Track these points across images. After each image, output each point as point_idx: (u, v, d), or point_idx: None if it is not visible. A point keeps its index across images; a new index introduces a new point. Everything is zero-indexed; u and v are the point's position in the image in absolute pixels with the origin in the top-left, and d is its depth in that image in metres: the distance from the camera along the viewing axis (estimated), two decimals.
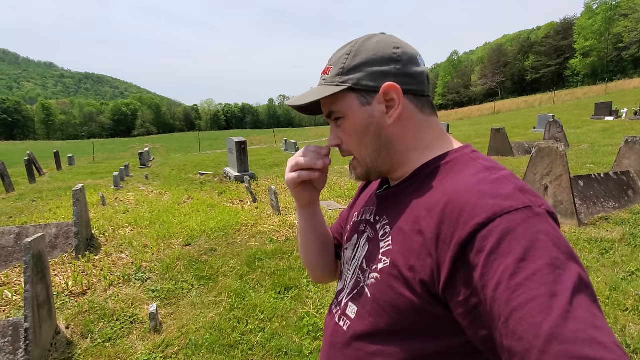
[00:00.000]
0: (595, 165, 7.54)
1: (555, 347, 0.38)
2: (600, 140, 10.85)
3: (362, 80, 0.64)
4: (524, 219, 0.47)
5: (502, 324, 0.43)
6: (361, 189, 0.89)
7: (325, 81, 0.67)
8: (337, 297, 0.75)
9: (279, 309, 2.91)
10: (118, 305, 2.99)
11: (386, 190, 0.72)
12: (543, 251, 0.44)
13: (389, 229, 0.64)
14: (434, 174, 0.62)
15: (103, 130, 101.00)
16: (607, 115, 16.42)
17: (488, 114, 35.25)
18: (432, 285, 0.53)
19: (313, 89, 0.70)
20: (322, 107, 0.71)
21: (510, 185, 0.52)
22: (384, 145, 0.66)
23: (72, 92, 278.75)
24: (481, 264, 0.46)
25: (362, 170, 0.70)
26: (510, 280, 0.43)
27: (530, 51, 73.86)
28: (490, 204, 0.49)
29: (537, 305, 0.41)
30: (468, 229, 0.49)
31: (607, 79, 47.46)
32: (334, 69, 0.67)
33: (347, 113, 0.66)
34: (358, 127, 0.66)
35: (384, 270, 0.60)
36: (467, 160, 0.62)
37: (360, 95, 0.65)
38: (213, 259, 3.85)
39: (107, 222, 5.05)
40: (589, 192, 4.87)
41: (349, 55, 0.65)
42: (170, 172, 11.86)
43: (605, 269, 3.28)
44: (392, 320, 0.58)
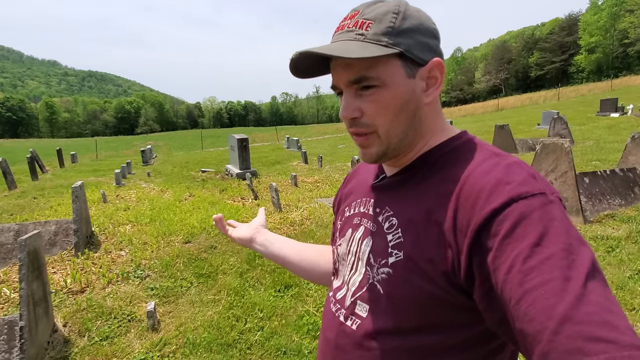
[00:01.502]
0: (601, 162, 7.45)
1: (569, 328, 0.38)
2: (605, 137, 10.73)
3: (412, 47, 0.57)
4: (540, 205, 0.47)
5: (512, 306, 0.43)
6: (343, 185, 0.85)
7: (366, 38, 0.56)
8: (335, 295, 0.71)
9: (279, 308, 2.87)
10: (116, 303, 2.96)
11: (384, 180, 0.68)
12: (557, 237, 0.44)
13: (395, 220, 0.61)
14: (441, 161, 0.60)
15: (106, 128, 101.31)
16: (612, 112, 16.25)
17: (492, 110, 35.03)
18: (453, 276, 0.52)
19: (346, 43, 0.57)
20: (343, 68, 0.58)
21: (524, 171, 0.51)
22: (415, 125, 0.61)
23: (76, 90, 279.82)
24: (495, 248, 0.47)
25: (380, 149, 0.61)
26: (524, 264, 0.43)
27: (535, 48, 73.28)
28: (506, 190, 0.48)
29: (551, 288, 0.41)
30: (484, 214, 0.48)
31: (613, 75, 47.06)
32: (376, 25, 0.56)
33: (388, 82, 0.57)
34: (398, 100, 0.58)
35: (397, 265, 0.58)
36: (472, 146, 0.60)
37: (406, 65, 0.57)
38: (213, 256, 3.82)
39: (107, 220, 5.03)
40: (594, 189, 4.80)
41: (397, 15, 0.57)
42: (172, 169, 11.84)
43: (612, 267, 3.21)
44: (410, 315, 0.57)
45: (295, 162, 11.98)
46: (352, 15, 0.59)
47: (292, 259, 0.91)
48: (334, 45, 0.57)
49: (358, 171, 0.82)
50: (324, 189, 6.99)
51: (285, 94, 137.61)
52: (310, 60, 0.60)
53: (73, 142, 50.19)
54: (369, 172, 0.75)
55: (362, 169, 0.80)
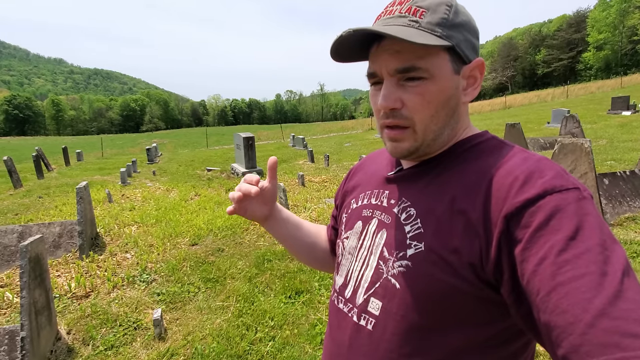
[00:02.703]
0: (616, 162, 7.25)
1: (606, 322, 0.37)
2: (618, 136, 10.49)
3: (461, 43, 0.55)
4: (575, 200, 0.46)
5: (540, 298, 0.42)
6: (347, 178, 0.82)
7: (420, 25, 0.54)
8: (342, 292, 0.66)
9: (290, 315, 2.75)
10: (121, 310, 2.85)
11: (400, 171, 0.65)
12: (592, 232, 0.43)
13: (414, 211, 0.58)
14: (465, 155, 0.59)
15: (112, 125, 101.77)
16: (624, 110, 15.94)
17: (499, 108, 34.64)
18: (480, 268, 0.50)
19: (398, 28, 0.53)
20: (392, 55, 0.55)
21: (556, 166, 0.51)
22: (452, 122, 0.59)
23: (82, 87, 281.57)
24: (525, 239, 0.46)
25: (413, 145, 0.59)
26: (557, 256, 0.42)
27: (542, 45, 72.47)
28: (540, 182, 0.48)
29: (588, 282, 0.40)
30: (516, 204, 0.47)
31: (622, 72, 46.41)
32: (430, 14, 0.54)
33: (436, 75, 0.55)
34: (442, 95, 0.56)
35: (417, 257, 0.55)
36: (498, 143, 0.59)
37: (453, 60, 0.56)
38: (220, 259, 3.71)
39: (112, 220, 4.94)
40: (614, 191, 4.63)
41: (450, 8, 0.55)
42: (177, 168, 11.78)
43: (637, 274, 3.06)
44: (430, 311, 0.53)
45: (302, 160, 11.86)
46: (402, 1, 0.56)
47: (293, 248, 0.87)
48: (389, 28, 0.53)
49: (365, 164, 0.79)
50: (332, 189, 6.87)
51: (289, 91, 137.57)
52: (352, 42, 0.56)
53: (79, 139, 50.42)
54: (380, 165, 0.73)
55: (370, 162, 0.78)
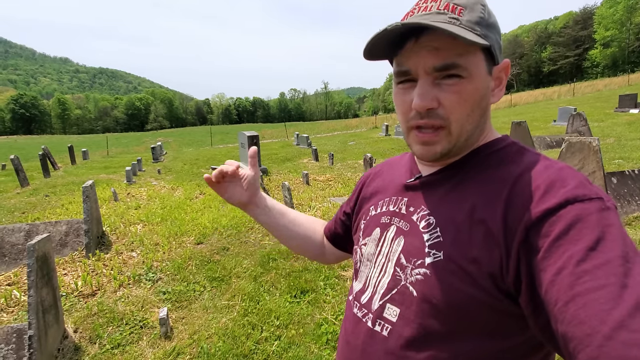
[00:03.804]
0: (624, 161, 7.17)
1: (624, 334, 0.36)
2: (626, 134, 10.37)
3: (495, 43, 0.56)
4: (597, 210, 0.45)
5: (558, 309, 0.42)
6: (364, 181, 0.82)
7: (461, 23, 0.52)
8: (359, 298, 0.66)
9: (295, 314, 2.75)
10: (128, 308, 2.86)
11: (420, 179, 0.64)
12: (614, 243, 0.42)
13: (433, 219, 0.58)
14: (487, 161, 0.58)
15: (117, 124, 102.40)
16: (632, 108, 15.76)
17: (504, 106, 34.41)
18: (500, 278, 0.49)
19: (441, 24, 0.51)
20: (430, 52, 0.53)
21: (579, 175, 0.50)
22: (481, 123, 0.59)
23: (87, 86, 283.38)
24: (544, 249, 0.45)
25: (446, 147, 0.57)
26: (576, 267, 0.42)
27: (548, 42, 71.82)
28: (562, 191, 0.47)
29: (607, 294, 0.39)
30: (537, 213, 0.47)
31: (629, 70, 45.89)
32: (469, 13, 0.53)
33: (474, 74, 0.54)
34: (478, 94, 0.55)
35: (436, 265, 0.54)
36: (519, 149, 0.58)
37: (487, 60, 0.56)
38: (226, 258, 3.71)
39: (118, 219, 4.96)
40: (622, 190, 4.58)
41: (484, 8, 0.55)
42: (182, 166, 11.81)
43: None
44: (447, 320, 0.53)
45: (306, 159, 11.84)
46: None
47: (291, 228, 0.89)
48: (436, 24, 0.51)
49: (383, 171, 0.79)
50: (336, 188, 6.85)
51: (293, 90, 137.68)
52: (389, 38, 0.55)
53: (85, 138, 50.75)
54: (398, 171, 0.72)
55: (388, 169, 0.77)
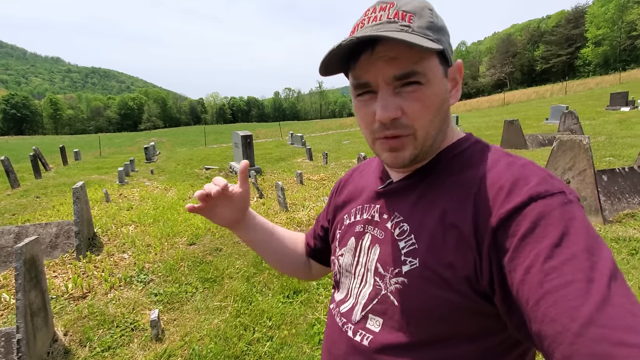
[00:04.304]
0: (615, 158, 7.25)
1: (594, 330, 0.37)
2: (617, 132, 10.48)
3: (447, 47, 0.55)
4: (559, 204, 0.46)
5: (530, 308, 0.42)
6: (335, 191, 0.81)
7: (413, 30, 0.52)
8: (339, 307, 0.66)
9: (288, 315, 2.74)
10: (119, 310, 2.84)
11: (390, 185, 0.64)
12: (578, 237, 0.43)
13: (407, 226, 0.57)
14: (453, 163, 0.58)
15: (110, 124, 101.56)
16: (622, 106, 15.93)
17: (497, 105, 34.64)
18: (476, 281, 0.49)
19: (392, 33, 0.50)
20: (387, 62, 0.52)
21: (541, 170, 0.51)
22: (444, 127, 0.58)
23: (79, 86, 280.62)
24: (513, 248, 0.45)
25: (414, 152, 0.57)
26: (544, 264, 0.42)
27: (540, 41, 72.36)
28: (525, 189, 0.48)
29: (574, 290, 0.39)
30: (503, 214, 0.47)
31: (620, 68, 46.37)
32: (418, 19, 0.53)
33: (432, 79, 0.53)
34: (438, 99, 0.55)
35: (412, 273, 0.54)
36: (482, 148, 0.58)
37: (442, 63, 0.55)
38: (218, 259, 3.69)
39: (110, 220, 4.91)
40: (613, 187, 4.62)
41: (432, 12, 0.55)
42: (175, 166, 11.74)
43: (637, 271, 3.05)
44: (428, 326, 0.53)
45: (300, 158, 11.83)
46: (383, 7, 0.54)
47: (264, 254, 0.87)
48: (388, 33, 0.50)
49: (354, 178, 0.78)
50: (330, 187, 6.85)
51: (288, 89, 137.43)
52: (343, 53, 0.54)
53: (77, 138, 50.26)
54: (369, 178, 0.71)
55: (359, 176, 0.76)
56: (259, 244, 0.84)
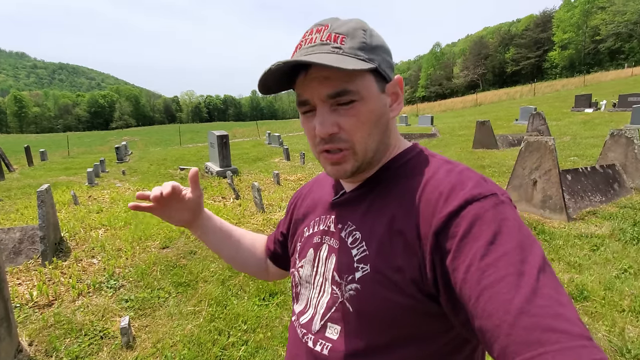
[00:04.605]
0: (579, 158, 7.59)
1: (525, 320, 0.40)
2: (581, 133, 10.98)
3: (382, 64, 0.58)
4: (492, 206, 0.49)
5: (472, 305, 0.45)
6: (294, 202, 0.84)
7: (343, 51, 0.55)
8: (299, 319, 0.68)
9: (263, 318, 2.72)
10: (87, 318, 2.74)
11: (343, 195, 0.67)
12: (510, 235, 0.46)
13: (359, 234, 0.60)
14: (399, 172, 0.62)
15: (79, 122, 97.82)
16: (586, 107, 16.72)
17: (470, 105, 35.56)
18: (422, 283, 0.52)
19: (324, 55, 0.54)
20: (321, 82, 0.56)
21: (475, 175, 0.55)
22: (385, 139, 0.62)
23: (46, 83, 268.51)
24: (453, 249, 0.48)
25: (355, 165, 0.60)
26: (480, 262, 0.45)
27: (511, 43, 74.91)
28: (461, 193, 0.51)
29: (507, 284, 0.43)
30: (442, 217, 0.50)
31: (585, 71, 48.59)
32: (350, 40, 0.56)
33: (366, 96, 0.57)
34: (374, 115, 0.58)
35: (364, 279, 0.57)
36: (425, 157, 0.62)
37: (378, 80, 0.59)
38: (192, 262, 3.62)
39: (78, 223, 4.73)
40: (576, 186, 4.84)
41: (365, 32, 0.58)
42: (149, 167, 11.44)
43: (598, 266, 3.21)
44: (383, 330, 0.55)
45: (277, 158, 11.77)
46: (319, 29, 0.58)
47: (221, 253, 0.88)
48: (316, 56, 0.54)
49: (312, 189, 0.80)
50: None
51: None
52: (279, 74, 0.57)
53: (44, 137, 48.09)
54: (325, 189, 0.74)
55: (317, 187, 0.79)
56: (214, 243, 0.86)
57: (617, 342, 2.26)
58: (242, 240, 0.89)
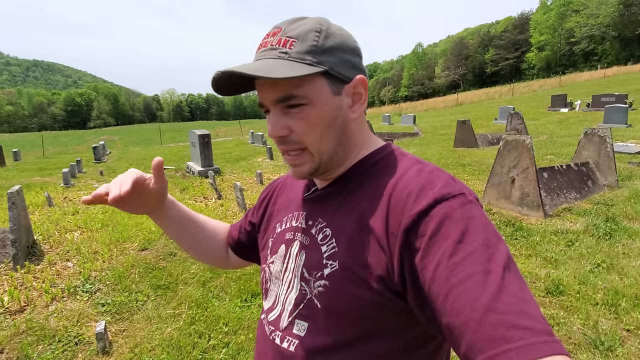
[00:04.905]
0: (555, 156, 7.81)
1: (492, 317, 0.41)
2: (557, 132, 11.31)
3: (336, 65, 0.57)
4: (460, 205, 0.50)
5: (440, 302, 0.46)
6: (269, 195, 0.83)
7: (290, 56, 0.55)
8: (267, 316, 0.68)
9: (245, 319, 2.69)
10: (61, 324, 2.65)
11: (315, 192, 0.68)
12: (476, 234, 0.48)
13: (329, 231, 0.61)
14: (371, 171, 0.62)
15: (55, 122, 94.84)
16: (562, 107, 17.23)
17: (452, 105, 36.18)
18: (388, 280, 0.53)
19: (268, 61, 0.56)
20: (270, 87, 0.57)
21: (445, 175, 0.56)
22: (344, 140, 0.62)
23: (19, 80, 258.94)
24: (422, 248, 0.49)
25: (312, 166, 0.61)
26: (449, 260, 0.46)
27: (490, 44, 76.55)
28: (431, 193, 0.52)
29: (475, 282, 0.44)
30: (412, 216, 0.51)
31: (560, 72, 50.10)
32: (300, 44, 0.56)
33: (315, 100, 0.57)
34: (326, 118, 0.58)
35: (333, 275, 0.57)
36: (397, 156, 0.63)
37: (331, 83, 0.58)
38: (172, 264, 3.55)
39: (52, 226, 4.57)
40: (552, 184, 4.97)
41: (319, 34, 0.57)
42: (127, 167, 11.16)
43: (573, 261, 3.31)
44: (350, 326, 0.56)
45: (261, 158, 11.68)
46: (274, 32, 0.58)
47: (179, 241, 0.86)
48: (258, 64, 0.56)
49: (287, 185, 0.80)
50: None
51: None
52: (233, 78, 0.58)
53: (17, 137, 46.42)
54: (298, 186, 0.74)
55: (290, 183, 0.79)
56: (174, 231, 0.83)
57: (591, 335, 2.33)
58: (204, 227, 0.87)
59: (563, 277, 3.01)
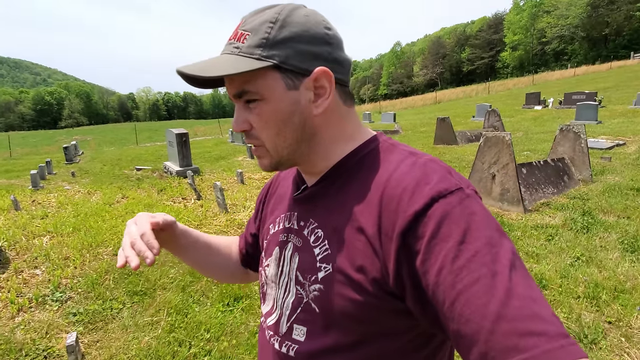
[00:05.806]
0: (532, 152, 7.99)
1: (504, 326, 0.40)
2: (532, 128, 11.62)
3: (290, 58, 0.54)
4: (459, 201, 0.48)
5: (447, 308, 0.44)
6: (263, 198, 0.80)
7: (240, 51, 0.53)
8: (267, 320, 0.66)
9: (228, 324, 2.59)
10: (28, 336, 2.47)
11: (306, 190, 0.64)
12: (478, 232, 0.45)
13: (321, 232, 0.58)
14: (360, 165, 0.59)
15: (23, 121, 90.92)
16: (536, 105, 17.75)
17: (430, 103, 36.73)
18: (384, 283, 0.51)
19: (220, 58, 0.55)
20: (228, 82, 0.56)
21: (440, 168, 0.53)
22: (306, 137, 0.58)
23: None
24: (423, 251, 0.47)
25: (271, 161, 0.59)
26: (453, 264, 0.44)
27: (466, 44, 78.29)
28: (427, 189, 0.49)
29: (482, 287, 0.42)
30: (408, 217, 0.48)
31: (533, 71, 51.70)
32: (252, 37, 0.53)
33: (267, 96, 0.54)
34: (280, 114, 0.55)
35: (327, 279, 0.55)
36: (388, 147, 0.60)
37: (286, 77, 0.54)
38: (149, 269, 3.39)
39: (19, 231, 4.31)
40: (531, 179, 5.07)
41: (273, 25, 0.53)
42: (101, 167, 10.76)
43: (553, 255, 3.36)
44: (349, 329, 0.54)
45: (241, 157, 11.48)
46: (237, 26, 0.56)
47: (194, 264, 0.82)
48: (208, 61, 0.55)
49: (279, 184, 0.77)
50: None
51: None
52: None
53: None
54: (288, 183, 0.72)
55: (283, 182, 0.76)
56: (190, 259, 0.80)
57: (575, 329, 2.35)
58: (219, 249, 0.85)
59: (545, 271, 3.04)
